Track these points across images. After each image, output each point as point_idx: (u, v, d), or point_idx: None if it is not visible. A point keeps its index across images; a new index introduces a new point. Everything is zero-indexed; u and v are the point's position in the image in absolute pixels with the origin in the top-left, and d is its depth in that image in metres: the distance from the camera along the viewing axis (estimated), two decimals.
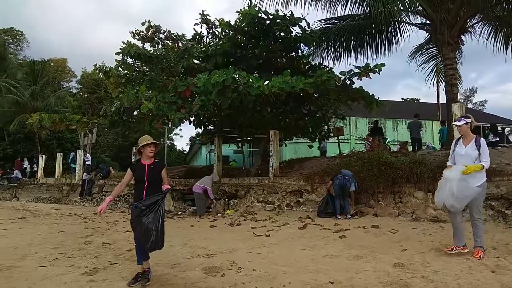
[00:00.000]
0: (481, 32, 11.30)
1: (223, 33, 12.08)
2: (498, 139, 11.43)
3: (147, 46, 12.76)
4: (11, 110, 30.45)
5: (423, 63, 12.59)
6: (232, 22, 11.23)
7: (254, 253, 5.59)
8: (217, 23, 12.18)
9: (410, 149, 12.65)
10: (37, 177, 21.18)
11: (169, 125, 15.83)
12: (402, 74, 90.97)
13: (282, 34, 11.04)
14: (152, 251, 4.37)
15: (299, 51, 12.28)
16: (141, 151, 4.53)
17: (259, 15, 10.12)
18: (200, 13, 12.06)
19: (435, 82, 14.14)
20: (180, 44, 12.40)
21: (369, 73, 8.54)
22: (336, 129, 14.99)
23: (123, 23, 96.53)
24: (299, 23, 10.65)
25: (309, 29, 11.17)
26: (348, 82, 9.55)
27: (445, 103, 10.70)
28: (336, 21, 11.70)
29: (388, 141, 16.97)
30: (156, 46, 12.76)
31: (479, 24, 10.90)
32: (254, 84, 8.62)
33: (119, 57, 12.02)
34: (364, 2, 8.84)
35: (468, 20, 10.29)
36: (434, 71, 12.48)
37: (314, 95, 11.52)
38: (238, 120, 12.57)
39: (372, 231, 6.81)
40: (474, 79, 79.25)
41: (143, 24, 12.54)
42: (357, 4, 9.30)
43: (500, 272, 4.12)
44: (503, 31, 11.13)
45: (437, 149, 12.44)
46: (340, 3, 9.69)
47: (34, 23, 77.04)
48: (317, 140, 14.87)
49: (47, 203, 17.61)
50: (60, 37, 77.86)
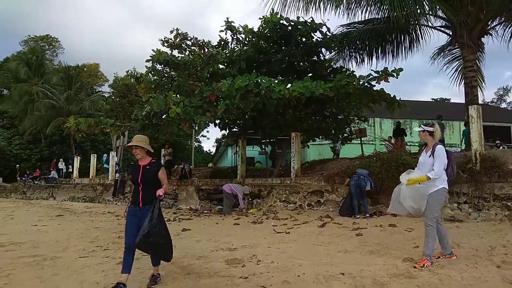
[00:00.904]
0: (504, 34, 11.23)
1: (247, 39, 12.55)
2: None
3: (175, 53, 13.46)
4: (48, 114, 32.08)
5: (447, 64, 12.61)
6: (257, 27, 11.70)
7: (273, 248, 5.98)
8: (241, 30, 12.67)
9: None
10: (72, 178, 22.40)
11: (196, 128, 16.48)
12: (433, 73, 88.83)
13: (304, 40, 11.38)
14: (159, 263, 4.34)
15: (321, 55, 12.59)
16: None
17: (281, 22, 10.51)
18: (225, 21, 12.58)
19: (463, 83, 14.01)
20: (206, 50, 12.96)
21: (388, 77, 8.77)
22: (359, 131, 15.12)
23: (153, 27, 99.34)
24: (320, 29, 10.97)
25: (330, 34, 11.47)
26: (369, 85, 9.79)
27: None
28: (358, 25, 11.92)
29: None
30: (184, 53, 13.41)
31: (501, 26, 10.84)
32: (276, 88, 9.02)
33: (149, 64, 12.73)
34: (384, 6, 9.02)
35: (489, 22, 10.28)
36: (459, 71, 12.43)
37: (336, 98, 11.79)
38: (262, 123, 13.01)
39: (389, 230, 7.05)
40: (509, 78, 76.31)
41: (172, 32, 13.24)
42: (377, 9, 9.49)
43: (505, 267, 4.32)
44: None
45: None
46: (360, 10, 9.91)
47: (68, 29, 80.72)
48: (337, 142, 15.06)
49: (82, 202, 18.65)
50: (93, 42, 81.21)
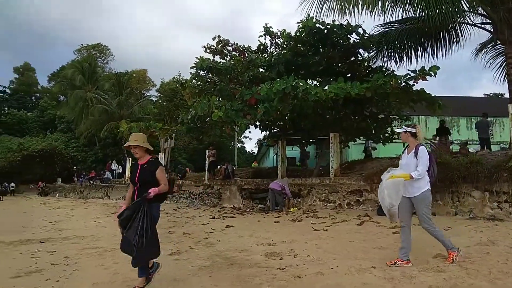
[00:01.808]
0: None
1: (285, 43, 12.93)
2: None
3: (217, 58, 14.17)
4: (101, 118, 34.31)
5: (490, 60, 12.21)
6: (295, 30, 12.04)
7: (311, 244, 6.33)
8: (279, 34, 13.07)
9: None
10: (125, 178, 23.87)
11: (237, 130, 17.13)
12: (486, 67, 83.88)
13: (341, 41, 11.57)
14: (134, 266, 3.89)
15: (359, 56, 12.69)
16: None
17: (317, 26, 10.79)
18: (264, 26, 13.06)
19: (507, 80, 13.46)
20: (246, 55, 13.51)
21: (425, 76, 8.80)
22: None
23: (195, 30, 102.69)
24: (356, 31, 11.12)
25: (367, 35, 11.56)
26: (408, 85, 9.82)
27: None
28: (396, 25, 11.89)
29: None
30: (225, 58, 14.06)
31: None
32: (312, 91, 9.34)
33: (193, 71, 13.51)
34: (420, 5, 9.01)
35: None
36: (503, 67, 12.00)
37: (375, 98, 11.84)
38: (301, 123, 13.33)
39: None
40: None
41: (214, 39, 13.97)
42: (414, 7, 9.47)
43: None
44: None
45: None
46: (396, 9, 9.92)
47: (117, 36, 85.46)
48: (370, 142, 15.00)
49: None
50: (140, 48, 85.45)
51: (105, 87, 38.48)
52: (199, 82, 14.35)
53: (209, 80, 14.35)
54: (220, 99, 12.73)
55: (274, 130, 15.33)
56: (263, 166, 25.56)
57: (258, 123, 13.63)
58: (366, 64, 13.07)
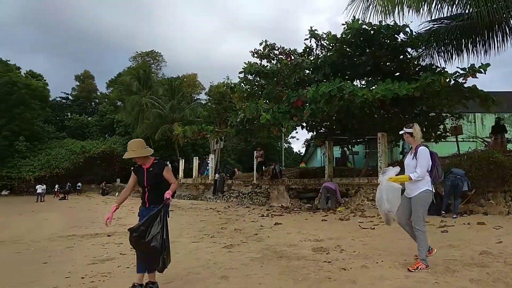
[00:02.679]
0: None
1: (331, 45, 13.08)
2: None
3: (264, 62, 14.63)
4: (156, 122, 36.12)
5: None
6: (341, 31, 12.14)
7: (357, 241, 6.56)
8: (325, 36, 13.25)
9: None
10: (178, 178, 25.14)
11: (284, 132, 17.51)
12: None
13: (388, 41, 11.52)
14: (161, 271, 4.00)
15: (407, 54, 12.52)
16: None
17: (363, 27, 10.86)
18: (309, 29, 13.30)
19: None
20: (292, 58, 13.84)
21: (475, 74, 8.63)
22: (454, 128, 14.50)
23: (243, 33, 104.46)
24: (404, 30, 11.04)
25: (415, 33, 11.42)
26: (458, 82, 9.63)
27: None
28: (445, 21, 11.61)
29: None
30: (272, 62, 14.49)
31: None
32: (359, 93, 9.46)
33: (241, 75, 14.09)
34: (469, 1, 8.81)
35: None
36: None
37: (425, 96, 11.64)
38: (348, 124, 13.40)
39: (476, 227, 7.07)
40: None
41: (261, 44, 14.41)
42: (462, 6, 9.26)
43: None
44: None
45: None
46: (446, 5, 9.74)
47: (169, 42, 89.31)
48: (432, 140, 14.60)
49: (187, 200, 20.97)
50: (190, 52, 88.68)
51: (159, 92, 40.42)
52: (247, 86, 14.90)
53: (257, 84, 14.84)
54: (268, 102, 13.16)
55: (321, 131, 15.50)
56: (311, 166, 25.67)
57: (305, 124, 13.89)
58: (415, 62, 12.85)
